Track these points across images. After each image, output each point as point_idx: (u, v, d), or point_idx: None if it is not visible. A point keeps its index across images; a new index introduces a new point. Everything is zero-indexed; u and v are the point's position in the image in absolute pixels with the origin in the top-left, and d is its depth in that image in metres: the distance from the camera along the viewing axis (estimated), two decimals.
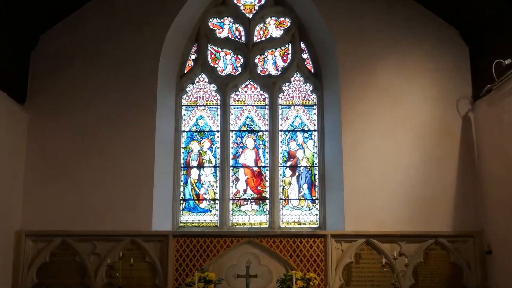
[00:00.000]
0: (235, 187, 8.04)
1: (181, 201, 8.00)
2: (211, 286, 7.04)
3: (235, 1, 8.44)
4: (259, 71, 8.29)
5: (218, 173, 8.05)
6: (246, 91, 8.33)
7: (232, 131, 8.18)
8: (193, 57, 8.33)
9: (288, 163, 8.11)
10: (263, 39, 8.36)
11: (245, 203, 8.01)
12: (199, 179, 8.06)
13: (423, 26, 7.89)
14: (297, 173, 8.09)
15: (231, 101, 8.26)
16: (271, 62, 8.37)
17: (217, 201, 7.97)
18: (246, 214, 7.98)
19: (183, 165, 8.09)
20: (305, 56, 8.34)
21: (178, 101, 8.21)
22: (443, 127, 7.67)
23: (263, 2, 8.43)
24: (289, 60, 8.32)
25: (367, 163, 7.56)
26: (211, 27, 8.38)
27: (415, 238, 7.38)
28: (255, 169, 8.10)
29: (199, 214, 7.98)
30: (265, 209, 7.98)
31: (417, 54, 7.86)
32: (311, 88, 8.29)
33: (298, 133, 8.20)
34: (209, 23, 8.38)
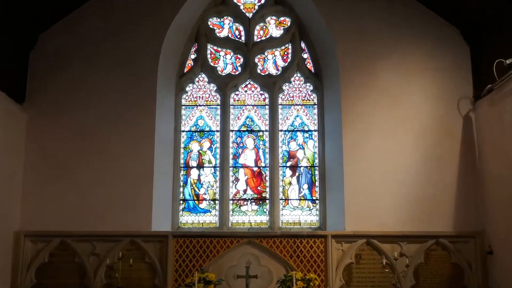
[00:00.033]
0: (235, 187, 8.01)
1: (181, 202, 7.97)
2: (211, 286, 7.01)
3: (235, 1, 8.41)
4: (259, 71, 8.27)
5: (218, 173, 8.02)
6: (246, 91, 8.30)
7: (232, 131, 8.15)
8: (193, 56, 8.30)
9: (288, 163, 8.08)
10: (263, 38, 8.33)
11: (245, 203, 7.98)
12: (198, 179, 8.03)
13: (423, 25, 7.86)
14: (297, 173, 8.06)
15: (231, 101, 8.23)
16: (271, 61, 8.34)
17: (217, 202, 7.94)
18: (246, 214, 7.95)
19: (182, 165, 8.06)
20: (305, 55, 8.31)
21: (177, 101, 8.18)
22: (444, 127, 7.65)
23: (263, 1, 8.39)
24: (289, 59, 8.29)
25: (368, 163, 7.54)
26: (211, 26, 8.35)
27: (416, 238, 7.36)
28: (255, 169, 8.07)
29: (198, 214, 7.96)
30: (265, 210, 7.95)
31: (417, 53, 7.84)
32: (311, 88, 8.26)
33: (298, 133, 8.17)
34: (209, 23, 8.36)
